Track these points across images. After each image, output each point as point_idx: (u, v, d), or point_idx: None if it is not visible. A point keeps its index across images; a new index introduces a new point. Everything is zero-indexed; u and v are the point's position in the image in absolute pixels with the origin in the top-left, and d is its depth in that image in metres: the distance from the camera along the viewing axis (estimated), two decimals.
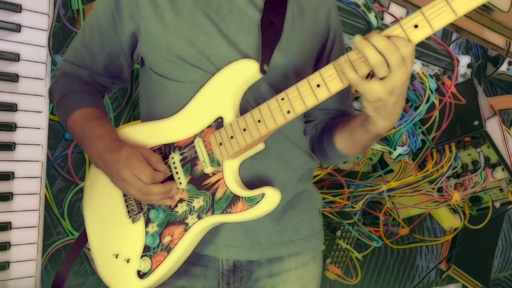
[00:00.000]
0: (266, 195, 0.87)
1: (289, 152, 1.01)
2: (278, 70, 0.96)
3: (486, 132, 2.04)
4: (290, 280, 1.02)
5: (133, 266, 0.95)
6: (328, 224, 1.96)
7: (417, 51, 1.88)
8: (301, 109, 0.84)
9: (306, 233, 1.04)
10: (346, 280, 2.05)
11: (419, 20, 0.74)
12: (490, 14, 2.40)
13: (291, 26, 0.98)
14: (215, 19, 0.95)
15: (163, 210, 0.95)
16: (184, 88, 0.96)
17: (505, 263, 3.38)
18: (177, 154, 0.95)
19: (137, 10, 0.97)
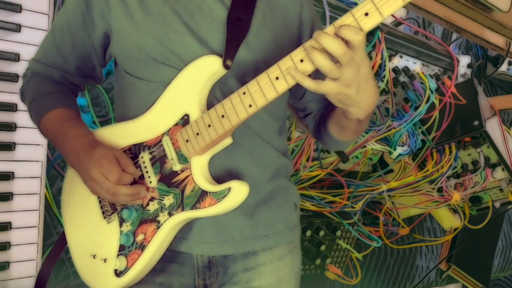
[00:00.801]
0: (233, 189, 0.89)
1: (260, 149, 1.02)
2: (246, 65, 0.96)
3: (486, 132, 2.04)
4: (265, 274, 1.04)
5: (110, 265, 0.97)
6: (328, 224, 1.96)
7: (417, 51, 1.89)
8: (262, 102, 0.85)
9: (280, 227, 1.05)
10: (346, 280, 2.05)
11: (369, 8, 0.75)
12: (490, 14, 2.40)
13: (260, 22, 0.99)
14: (185, 17, 0.95)
15: (136, 209, 0.97)
16: (156, 88, 0.97)
17: (505, 263, 3.38)
18: (147, 154, 0.97)
19: (108, 10, 0.97)
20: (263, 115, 1.01)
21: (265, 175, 1.03)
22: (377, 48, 1.67)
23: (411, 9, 2.14)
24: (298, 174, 1.79)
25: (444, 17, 2.22)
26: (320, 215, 1.94)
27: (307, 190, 1.92)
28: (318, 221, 1.92)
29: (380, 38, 1.66)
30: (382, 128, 1.86)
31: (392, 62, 1.87)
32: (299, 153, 1.74)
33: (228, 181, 0.90)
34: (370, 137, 1.87)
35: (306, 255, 1.91)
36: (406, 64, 1.92)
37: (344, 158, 1.91)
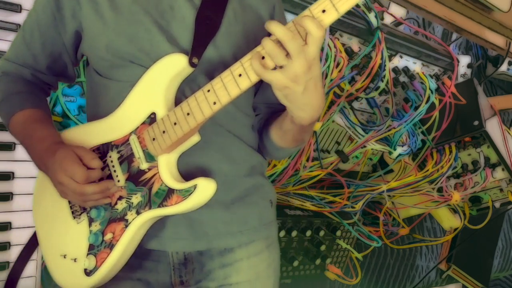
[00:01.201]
0: (199, 186, 0.89)
1: (232, 146, 1.02)
2: (215, 63, 0.96)
3: (486, 132, 2.04)
4: (242, 269, 1.04)
5: (79, 265, 0.97)
6: (328, 224, 1.96)
7: (417, 51, 1.89)
8: (226, 99, 0.86)
9: (254, 224, 1.05)
10: (346, 280, 2.05)
11: (326, 5, 0.77)
12: (490, 14, 2.40)
13: (231, 21, 0.99)
14: (155, 16, 0.95)
15: (104, 209, 0.97)
16: (125, 88, 0.96)
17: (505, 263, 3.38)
18: (115, 153, 0.97)
19: (78, 8, 0.96)
20: (234, 112, 1.01)
21: (239, 171, 1.03)
22: (377, 48, 1.67)
23: (411, 9, 2.14)
24: (298, 174, 1.79)
25: (444, 17, 2.22)
26: (320, 215, 1.94)
27: (307, 190, 1.92)
28: (318, 221, 1.92)
29: (380, 38, 1.66)
30: (382, 128, 1.86)
31: (392, 62, 1.87)
32: (299, 153, 1.74)
33: (195, 179, 0.90)
34: (370, 137, 1.87)
35: (306, 255, 1.91)
36: (406, 64, 1.92)
37: (344, 158, 1.91)
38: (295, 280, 1.91)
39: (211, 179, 0.90)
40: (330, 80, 1.59)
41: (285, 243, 1.82)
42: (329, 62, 1.55)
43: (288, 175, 1.76)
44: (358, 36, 1.67)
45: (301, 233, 1.85)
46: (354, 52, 1.68)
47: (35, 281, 1.32)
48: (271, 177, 1.73)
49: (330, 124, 1.84)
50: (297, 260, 1.83)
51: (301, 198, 1.93)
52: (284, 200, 1.91)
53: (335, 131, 1.96)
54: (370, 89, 1.78)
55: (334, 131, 1.96)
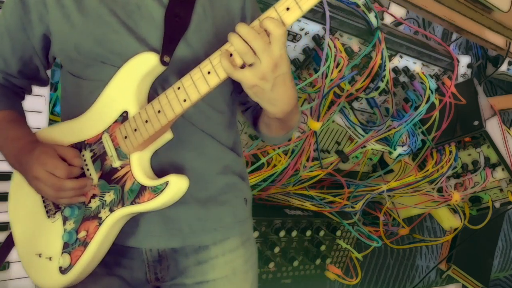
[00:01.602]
0: (170, 183, 0.90)
1: (206, 145, 1.03)
2: (187, 61, 0.97)
3: (486, 132, 2.04)
4: (218, 266, 1.05)
5: (54, 263, 0.98)
6: (328, 224, 1.96)
7: (417, 51, 1.89)
8: (196, 97, 0.87)
9: (229, 221, 1.06)
10: (346, 280, 2.05)
11: (290, 3, 0.79)
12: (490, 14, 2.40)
13: (201, 18, 0.99)
14: (123, 17, 0.95)
15: (78, 207, 0.98)
16: (97, 87, 0.96)
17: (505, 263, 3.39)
18: (88, 151, 0.98)
19: (45, 12, 0.96)
20: (208, 110, 1.02)
21: (212, 169, 1.04)
22: (377, 48, 1.67)
23: (411, 9, 2.15)
24: (298, 174, 1.79)
25: (444, 17, 2.22)
26: (320, 215, 1.94)
27: (307, 190, 1.92)
28: (318, 221, 1.92)
29: (380, 38, 1.66)
30: (382, 128, 1.86)
31: (392, 62, 1.87)
32: (299, 153, 1.74)
33: (166, 175, 0.91)
34: (370, 137, 1.87)
35: (306, 255, 1.91)
36: (406, 64, 1.92)
37: (344, 158, 1.91)
38: (295, 280, 1.91)
39: (183, 175, 0.91)
40: (330, 80, 1.59)
41: (285, 243, 1.82)
42: (329, 62, 1.55)
43: (288, 175, 1.76)
44: (358, 36, 1.67)
45: (301, 233, 1.85)
46: (354, 52, 1.68)
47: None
48: (271, 177, 1.73)
49: (330, 124, 1.84)
50: (297, 260, 1.83)
51: (301, 198, 1.93)
52: (284, 200, 1.91)
53: (335, 131, 1.96)
54: (370, 89, 1.78)
55: (334, 131, 1.96)
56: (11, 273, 1.29)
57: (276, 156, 1.73)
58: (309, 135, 1.72)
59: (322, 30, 1.57)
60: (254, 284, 1.13)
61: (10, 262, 1.28)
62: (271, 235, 1.76)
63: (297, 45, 1.59)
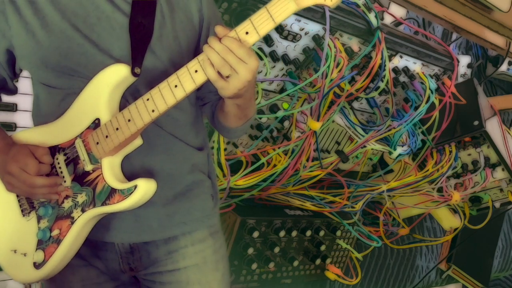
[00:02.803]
0: (139, 186, 0.96)
1: (174, 147, 1.08)
2: (154, 70, 1.01)
3: (486, 132, 2.04)
4: (188, 255, 1.12)
5: (29, 259, 1.04)
6: (328, 224, 1.96)
7: (417, 51, 1.89)
8: (163, 108, 0.94)
9: (197, 215, 1.13)
10: (346, 280, 2.05)
11: (249, 28, 0.88)
12: (490, 14, 2.40)
13: (161, 24, 1.02)
14: (84, 30, 0.98)
15: (52, 207, 1.04)
16: (67, 95, 1.01)
17: (505, 263, 3.39)
18: (61, 155, 1.03)
19: (7, 28, 0.98)
20: (174, 112, 1.05)
21: (181, 170, 1.10)
22: (377, 48, 1.67)
23: (411, 9, 2.15)
24: (298, 174, 1.79)
25: (444, 17, 2.22)
26: (320, 215, 1.94)
27: (307, 190, 1.92)
28: (318, 221, 1.92)
29: (380, 38, 1.66)
30: (382, 128, 1.86)
31: (392, 62, 1.87)
32: (299, 153, 1.74)
33: (136, 179, 0.97)
34: (370, 137, 1.87)
35: (306, 255, 1.91)
36: (406, 64, 1.92)
37: (344, 158, 1.91)
38: (295, 280, 1.91)
39: (151, 179, 0.98)
40: (330, 80, 1.59)
41: (285, 243, 1.82)
42: (329, 62, 1.55)
43: (288, 175, 1.76)
44: (358, 36, 1.67)
45: (301, 233, 1.85)
46: (354, 52, 1.68)
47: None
48: (271, 177, 1.73)
49: (330, 124, 1.84)
50: (297, 260, 1.83)
51: (301, 198, 1.93)
52: (284, 200, 1.91)
53: (335, 131, 1.96)
54: (370, 89, 1.78)
55: (334, 131, 1.96)
56: None
57: (276, 156, 1.73)
58: (309, 135, 1.72)
59: (322, 30, 1.57)
60: (225, 275, 1.19)
61: None
62: (271, 235, 1.76)
63: (297, 45, 1.59)
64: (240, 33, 0.88)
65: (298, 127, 1.75)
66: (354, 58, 1.69)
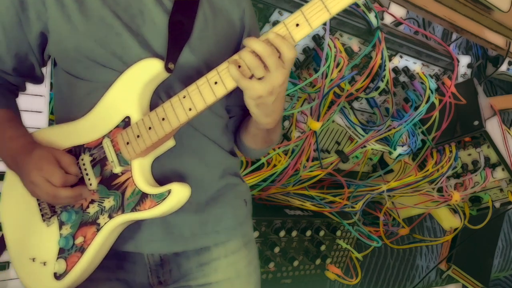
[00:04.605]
0: (173, 192, 0.89)
1: (207, 149, 1.02)
2: (189, 69, 0.97)
3: (486, 132, 2.04)
4: (221, 268, 1.04)
5: (49, 269, 0.95)
6: (328, 224, 1.96)
7: (417, 51, 1.89)
8: (202, 106, 0.87)
9: (229, 223, 1.05)
10: (346, 280, 2.05)
11: (300, 19, 0.81)
12: (490, 14, 2.40)
13: (203, 26, 0.99)
14: (125, 19, 0.93)
15: (75, 212, 0.96)
16: (96, 88, 0.95)
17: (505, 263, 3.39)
18: (87, 156, 0.96)
19: (44, 10, 0.94)
20: (208, 114, 1.02)
21: (213, 174, 1.04)
22: (377, 48, 1.67)
23: (411, 9, 2.14)
24: (298, 174, 1.79)
25: (444, 17, 2.22)
26: (320, 215, 1.94)
27: (307, 190, 1.92)
28: (318, 221, 1.92)
29: (380, 38, 1.66)
30: (382, 128, 1.86)
31: (392, 62, 1.87)
32: (299, 153, 1.74)
33: (169, 183, 0.90)
34: (370, 137, 1.87)
35: (306, 255, 1.91)
36: (406, 64, 1.92)
37: (344, 158, 1.91)
38: (295, 280, 1.91)
39: (185, 184, 0.90)
40: (330, 80, 1.59)
41: (285, 243, 1.82)
42: (329, 62, 1.55)
43: (288, 175, 1.76)
44: (358, 36, 1.67)
45: (301, 233, 1.85)
46: (354, 52, 1.68)
47: None
48: (271, 177, 1.73)
49: (330, 124, 1.84)
50: (297, 260, 1.83)
51: (301, 198, 1.93)
52: (284, 200, 1.91)
53: (335, 131, 1.96)
54: (370, 89, 1.77)
55: (334, 131, 1.96)
56: (11, 273, 1.29)
57: (276, 156, 1.73)
58: (309, 135, 1.72)
59: (322, 30, 1.57)
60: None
61: (10, 262, 1.28)
62: (271, 235, 1.76)
63: (297, 45, 1.59)
64: (289, 25, 0.81)
65: (298, 127, 1.75)
66: (354, 58, 1.69)
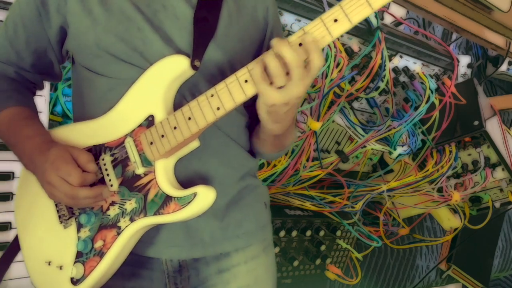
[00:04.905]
0: (198, 195, 0.85)
1: (229, 150, 0.99)
2: (214, 66, 0.93)
3: (486, 132, 2.04)
4: (241, 274, 1.00)
5: (66, 273, 0.92)
6: (328, 224, 1.96)
7: (417, 51, 1.89)
8: (231, 105, 0.82)
9: (250, 227, 1.02)
10: (346, 280, 2.05)
11: (339, 14, 0.74)
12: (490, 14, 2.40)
13: (227, 23, 0.96)
14: (148, 14, 0.91)
15: (95, 214, 0.92)
16: (116, 85, 0.92)
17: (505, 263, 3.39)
18: (108, 155, 0.92)
19: (64, 3, 0.92)
20: (233, 112, 0.97)
21: (234, 176, 1.00)
22: (377, 48, 1.67)
23: (411, 9, 2.14)
24: (298, 174, 1.79)
25: (444, 17, 2.22)
26: (320, 215, 1.94)
27: (307, 190, 1.92)
28: (318, 221, 1.92)
29: (380, 38, 1.66)
30: (382, 128, 1.86)
31: (392, 62, 1.87)
32: (299, 153, 1.74)
33: (194, 186, 0.86)
34: (370, 137, 1.87)
35: (306, 255, 1.91)
36: (406, 64, 1.92)
37: (344, 158, 1.91)
38: (295, 280, 1.91)
39: (211, 187, 0.86)
40: (330, 80, 1.59)
41: (285, 243, 1.82)
42: (329, 62, 1.55)
43: (288, 175, 1.76)
44: (358, 36, 1.67)
45: (301, 233, 1.85)
46: (354, 52, 1.68)
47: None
48: (271, 177, 1.73)
49: (330, 124, 1.84)
50: (297, 260, 1.83)
51: (301, 198, 1.93)
52: (284, 200, 1.91)
53: (335, 131, 1.96)
54: (370, 89, 1.78)
55: (334, 131, 1.96)
56: (11, 273, 1.29)
57: None
58: (309, 135, 1.72)
59: None
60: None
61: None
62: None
63: None
64: (327, 20, 0.75)
65: (298, 127, 1.75)
66: (354, 58, 1.69)
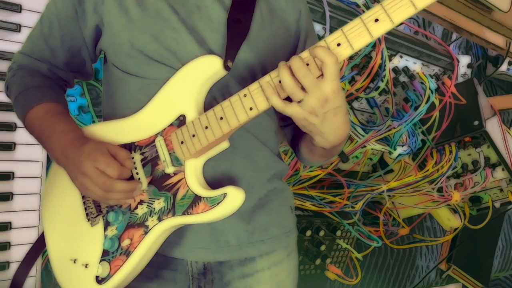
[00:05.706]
0: (228, 195, 0.85)
1: (257, 152, 0.99)
2: (246, 68, 0.94)
3: (486, 132, 2.04)
4: (264, 280, 1.00)
5: (91, 272, 0.91)
6: (328, 224, 1.96)
7: (417, 51, 1.89)
8: (264, 106, 0.82)
9: (276, 232, 1.02)
10: (346, 280, 2.05)
11: (380, 14, 0.73)
12: (490, 14, 2.40)
13: (260, 26, 0.97)
14: (182, 14, 0.92)
15: (123, 213, 0.92)
16: (147, 85, 0.93)
17: (505, 263, 3.38)
18: (138, 154, 0.92)
19: (100, 2, 0.93)
20: (261, 115, 0.97)
21: (261, 178, 1.00)
22: (377, 48, 1.67)
23: None
24: (298, 174, 1.79)
25: (444, 17, 2.22)
26: (320, 215, 1.94)
27: (307, 190, 1.92)
28: (318, 221, 1.92)
29: (380, 38, 1.66)
30: (382, 128, 1.86)
31: (392, 62, 1.87)
32: None
33: (223, 186, 0.86)
34: (370, 137, 1.87)
35: (306, 255, 1.91)
36: (406, 64, 1.92)
37: (344, 158, 1.91)
38: None
39: (240, 188, 0.85)
40: None
41: None
42: None
43: (288, 175, 1.76)
44: None
45: (301, 233, 1.85)
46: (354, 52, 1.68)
47: (35, 281, 1.32)
48: None
49: None
50: None
51: (301, 198, 1.93)
52: None
53: None
54: (370, 89, 1.78)
55: None
56: (11, 273, 1.29)
57: None
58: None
59: (322, 30, 1.57)
60: None
61: (10, 262, 1.28)
62: None
63: None
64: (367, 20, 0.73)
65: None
66: (354, 58, 1.69)
